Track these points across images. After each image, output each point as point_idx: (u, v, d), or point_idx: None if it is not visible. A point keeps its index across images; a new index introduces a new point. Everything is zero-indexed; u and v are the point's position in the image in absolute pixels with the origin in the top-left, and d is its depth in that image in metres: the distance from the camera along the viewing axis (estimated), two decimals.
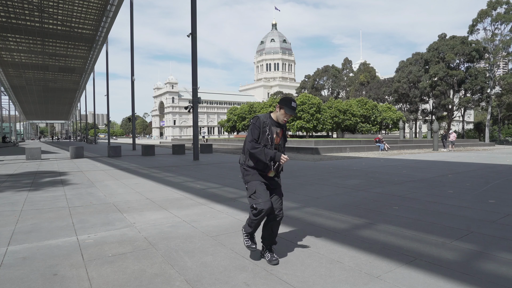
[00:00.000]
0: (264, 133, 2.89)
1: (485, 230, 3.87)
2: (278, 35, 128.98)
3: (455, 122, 73.29)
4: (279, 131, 2.97)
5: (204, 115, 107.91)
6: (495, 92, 48.33)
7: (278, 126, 2.97)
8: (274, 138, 2.92)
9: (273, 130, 2.93)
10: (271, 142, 2.90)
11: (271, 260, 2.93)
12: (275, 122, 2.96)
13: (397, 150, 23.30)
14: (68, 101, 68.25)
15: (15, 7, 22.39)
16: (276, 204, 2.92)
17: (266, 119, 2.93)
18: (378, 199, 5.78)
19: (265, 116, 2.95)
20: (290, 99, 2.89)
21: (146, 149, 19.53)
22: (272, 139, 2.91)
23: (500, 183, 7.53)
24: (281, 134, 2.99)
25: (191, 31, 15.52)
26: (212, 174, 9.92)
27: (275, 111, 2.98)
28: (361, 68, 70.63)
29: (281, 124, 3.00)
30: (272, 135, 2.91)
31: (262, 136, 2.89)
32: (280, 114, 2.93)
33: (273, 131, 2.92)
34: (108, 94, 35.14)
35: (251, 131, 2.89)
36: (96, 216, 4.76)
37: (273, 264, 2.90)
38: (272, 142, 2.91)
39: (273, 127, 2.93)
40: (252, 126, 2.90)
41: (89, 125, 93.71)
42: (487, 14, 43.07)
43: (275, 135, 2.93)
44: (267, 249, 3.02)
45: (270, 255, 2.97)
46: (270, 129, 2.91)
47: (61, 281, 2.61)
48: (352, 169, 10.60)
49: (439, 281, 2.55)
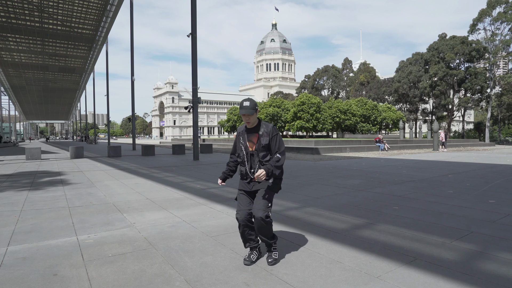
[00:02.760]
0: (239, 143, 3.02)
1: (485, 230, 3.87)
2: (278, 35, 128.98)
3: (455, 122, 73.30)
4: (252, 137, 2.95)
5: (204, 115, 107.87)
6: (495, 92, 48.31)
7: (252, 132, 2.95)
8: (248, 145, 2.95)
9: (246, 137, 2.97)
10: (245, 150, 2.97)
11: (267, 259, 2.96)
12: (248, 129, 2.98)
13: (397, 150, 23.29)
14: (68, 101, 68.27)
15: (15, 7, 22.39)
16: (255, 207, 2.87)
17: (242, 128, 3.05)
18: (378, 199, 5.77)
19: (242, 125, 3.08)
20: (243, 100, 2.93)
21: (146, 149, 19.53)
22: (246, 147, 2.96)
23: (500, 183, 7.53)
24: (256, 139, 2.93)
25: (191, 31, 15.52)
26: (212, 174, 9.92)
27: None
28: (361, 68, 70.59)
29: (257, 129, 2.94)
30: (245, 143, 2.97)
31: (238, 146, 3.04)
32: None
33: (245, 139, 2.97)
34: (108, 94, 35.14)
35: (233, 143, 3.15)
36: (96, 216, 4.76)
37: (269, 264, 2.91)
38: (247, 150, 2.96)
39: (246, 134, 2.98)
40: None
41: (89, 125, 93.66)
42: (487, 14, 43.05)
43: (248, 142, 2.96)
44: (267, 249, 3.02)
45: (268, 254, 2.99)
46: (244, 137, 2.98)
47: (61, 281, 2.61)
48: (352, 169, 10.60)
49: (439, 281, 2.55)
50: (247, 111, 2.83)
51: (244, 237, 3.00)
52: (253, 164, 2.94)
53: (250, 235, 2.97)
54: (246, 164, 2.96)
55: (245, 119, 2.90)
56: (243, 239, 3.02)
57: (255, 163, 2.94)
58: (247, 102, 2.88)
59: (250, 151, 2.94)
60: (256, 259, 3.01)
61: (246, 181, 3.00)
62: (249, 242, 3.01)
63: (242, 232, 2.98)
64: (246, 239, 3.00)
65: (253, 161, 2.94)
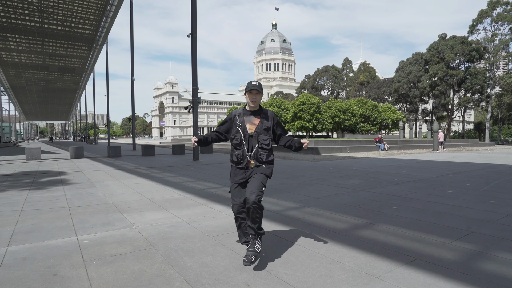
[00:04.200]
0: (235, 125, 2.95)
1: (485, 230, 3.87)
2: (278, 35, 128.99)
3: (455, 122, 73.28)
4: (253, 119, 2.95)
5: (204, 115, 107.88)
6: (495, 92, 48.30)
7: (253, 114, 2.96)
8: (248, 128, 2.92)
9: (246, 119, 2.94)
10: (243, 133, 2.92)
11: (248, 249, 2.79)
12: (249, 112, 2.97)
13: (397, 150, 23.30)
14: (68, 101, 68.30)
15: (15, 7, 22.40)
16: (247, 192, 2.78)
17: (239, 111, 2.99)
18: (378, 199, 5.77)
19: (239, 109, 3.03)
20: (250, 81, 2.95)
21: (146, 149, 19.53)
22: (244, 129, 2.92)
23: (500, 183, 7.53)
24: (258, 121, 2.95)
25: (191, 31, 15.51)
26: (212, 174, 9.92)
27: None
28: (361, 68, 70.60)
29: (259, 112, 2.97)
30: (243, 125, 2.93)
31: (234, 128, 2.96)
32: (247, 98, 2.96)
33: (244, 121, 2.94)
34: (108, 94, 35.13)
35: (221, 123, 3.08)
36: (96, 216, 4.76)
37: (248, 254, 2.72)
38: (245, 132, 2.91)
39: (246, 117, 2.95)
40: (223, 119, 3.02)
41: (89, 125, 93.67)
42: (487, 14, 43.05)
43: (248, 124, 2.93)
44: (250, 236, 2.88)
45: (251, 243, 2.81)
46: (242, 119, 2.94)
47: (61, 281, 2.61)
48: (352, 169, 10.60)
49: (439, 281, 2.55)
50: (257, 87, 2.85)
51: (241, 230, 3.00)
52: (251, 147, 2.92)
53: (246, 228, 2.95)
54: (244, 146, 2.92)
55: (251, 97, 2.89)
56: (240, 234, 3.02)
57: (253, 146, 2.92)
58: (255, 82, 2.90)
59: (249, 133, 2.91)
60: (254, 259, 3.00)
61: (241, 165, 2.94)
62: (245, 236, 2.99)
63: (238, 225, 2.98)
64: (243, 233, 2.99)
65: (252, 144, 2.92)
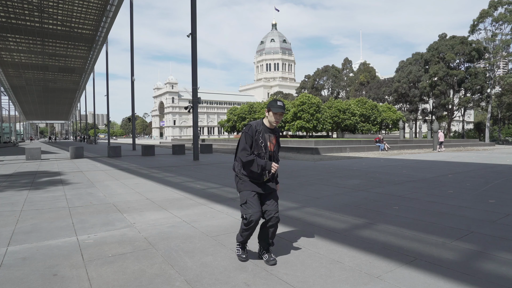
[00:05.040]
0: (257, 141, 2.86)
1: (485, 230, 3.87)
2: (278, 35, 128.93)
3: (455, 122, 73.27)
4: (272, 138, 2.93)
5: (204, 115, 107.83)
6: (495, 92, 48.30)
7: (271, 132, 2.94)
8: (268, 146, 2.89)
9: (266, 137, 2.90)
10: (265, 150, 2.88)
11: (269, 260, 2.93)
12: (268, 129, 2.93)
13: (397, 150, 23.29)
14: (68, 101, 68.27)
15: (15, 7, 22.40)
16: (271, 207, 2.89)
17: (259, 126, 2.89)
18: (378, 199, 5.77)
19: (258, 123, 2.92)
20: (275, 100, 2.90)
21: (146, 149, 19.53)
22: (266, 146, 2.88)
23: (500, 183, 7.53)
24: (275, 140, 2.96)
25: (191, 31, 15.51)
26: (212, 174, 9.92)
27: (266, 116, 2.95)
28: (361, 68, 70.59)
29: (274, 130, 2.97)
30: (265, 143, 2.88)
31: (256, 144, 2.86)
32: (270, 116, 2.89)
33: (266, 138, 2.89)
34: (108, 94, 35.14)
35: (244, 140, 2.85)
36: (96, 216, 4.76)
37: (270, 265, 2.90)
38: (266, 150, 2.88)
39: (266, 134, 2.90)
40: (244, 135, 2.85)
41: (89, 125, 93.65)
42: (488, 14, 43.04)
43: (268, 142, 2.90)
44: (264, 249, 3.01)
45: (268, 255, 2.97)
46: (263, 136, 2.88)
47: (61, 281, 2.61)
48: (352, 169, 10.60)
49: (439, 281, 2.55)
50: (284, 110, 2.84)
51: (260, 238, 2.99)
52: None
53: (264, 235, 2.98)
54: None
55: (276, 118, 2.86)
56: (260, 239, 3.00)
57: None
58: (280, 102, 2.87)
59: (269, 151, 2.91)
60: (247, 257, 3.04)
61: (260, 181, 2.92)
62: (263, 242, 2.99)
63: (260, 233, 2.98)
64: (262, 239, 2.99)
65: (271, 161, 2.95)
